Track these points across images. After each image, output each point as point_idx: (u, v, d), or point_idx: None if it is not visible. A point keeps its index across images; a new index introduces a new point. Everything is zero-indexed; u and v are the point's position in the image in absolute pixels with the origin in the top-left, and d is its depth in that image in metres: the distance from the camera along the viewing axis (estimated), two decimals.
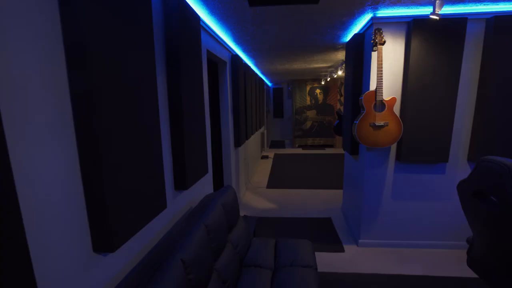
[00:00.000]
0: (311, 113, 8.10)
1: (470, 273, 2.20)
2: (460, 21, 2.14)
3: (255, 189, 4.49)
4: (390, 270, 2.29)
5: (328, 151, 7.76)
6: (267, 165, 6.21)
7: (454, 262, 2.37)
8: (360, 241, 2.65)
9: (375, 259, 2.45)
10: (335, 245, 2.69)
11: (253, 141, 5.30)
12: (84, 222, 0.95)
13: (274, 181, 4.91)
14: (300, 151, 7.85)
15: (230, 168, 3.28)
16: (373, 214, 2.59)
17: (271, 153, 7.50)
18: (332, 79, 7.04)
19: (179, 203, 1.74)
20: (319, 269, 2.29)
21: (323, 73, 6.55)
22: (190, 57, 1.70)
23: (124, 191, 1.04)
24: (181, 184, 1.65)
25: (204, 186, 2.24)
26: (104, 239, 0.97)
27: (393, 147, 2.44)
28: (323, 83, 7.48)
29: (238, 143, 3.44)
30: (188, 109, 1.66)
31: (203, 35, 2.22)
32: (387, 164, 2.48)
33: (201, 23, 2.14)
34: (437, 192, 2.50)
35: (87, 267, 0.95)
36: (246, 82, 3.82)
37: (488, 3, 2.05)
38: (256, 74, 5.43)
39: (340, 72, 5.11)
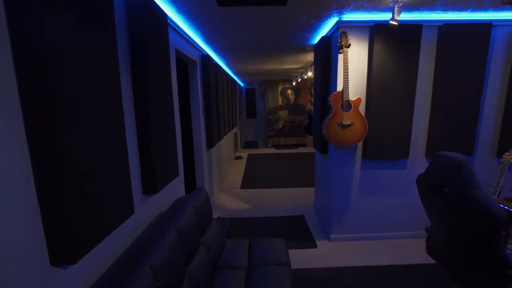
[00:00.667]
0: (283, 113, 8.24)
1: (430, 260, 2.39)
2: (416, 27, 2.31)
3: (229, 190, 4.46)
4: (360, 262, 2.40)
5: (300, 150, 7.95)
6: (241, 165, 6.21)
7: (417, 250, 2.55)
8: (331, 236, 2.75)
9: (346, 253, 2.55)
10: (308, 242, 2.76)
11: (226, 142, 5.27)
12: (39, 232, 0.87)
13: (248, 182, 4.92)
14: (273, 150, 7.95)
15: (202, 169, 3.23)
16: (342, 210, 2.70)
17: (244, 154, 7.51)
18: (303, 80, 7.23)
19: (148, 208, 1.67)
20: (293, 266, 2.34)
21: (294, 74, 6.69)
22: (157, 55, 1.64)
23: (85, 197, 0.97)
24: (150, 188, 1.58)
25: (175, 189, 2.18)
26: (63, 250, 0.90)
27: (360, 145, 2.57)
28: (294, 83, 7.66)
29: (210, 144, 3.39)
30: (155, 109, 1.60)
31: (171, 34, 2.15)
32: (354, 161, 2.60)
33: (169, 21, 2.08)
34: (400, 186, 2.67)
35: (45, 283, 0.87)
36: (217, 82, 3.78)
37: (439, 12, 2.24)
38: (228, 75, 5.40)
39: (310, 73, 5.27)
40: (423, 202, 1.59)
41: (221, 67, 4.46)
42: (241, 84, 9.00)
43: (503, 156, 2.37)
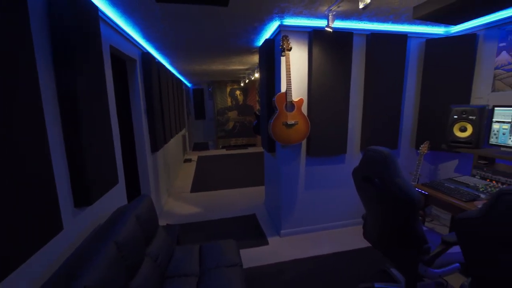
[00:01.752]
0: (232, 114, 8.26)
1: (367, 243, 2.66)
2: (348, 34, 2.55)
3: (178, 195, 4.28)
4: (308, 253, 2.54)
5: (250, 150, 8.06)
6: (191, 168, 6.01)
7: (356, 237, 2.82)
8: (281, 231, 2.86)
9: (295, 246, 2.68)
10: (260, 239, 2.81)
11: (174, 145, 5.04)
12: None
13: (198, 185, 4.79)
14: (224, 151, 7.90)
15: (147, 175, 3.02)
16: (290, 206, 2.83)
17: (194, 156, 7.30)
18: (251, 80, 7.35)
19: (82, 222, 1.49)
20: (246, 265, 2.36)
21: (242, 75, 6.76)
22: (86, 52, 1.48)
23: None
24: (83, 199, 1.42)
25: (115, 198, 1.99)
26: None
27: (304, 143, 2.72)
28: (242, 84, 7.74)
29: (155, 147, 3.20)
30: (86, 110, 1.44)
31: (104, 29, 1.96)
32: (300, 159, 2.75)
33: (102, 14, 1.89)
34: (340, 179, 2.92)
35: None
36: (161, 81, 3.59)
37: (367, 22, 2.51)
38: (173, 74, 5.17)
39: (257, 74, 5.38)
40: (359, 192, 1.76)
41: (165, 66, 4.25)
42: (188, 84, 8.72)
43: (420, 148, 2.79)
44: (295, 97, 2.51)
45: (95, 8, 1.66)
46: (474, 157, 2.40)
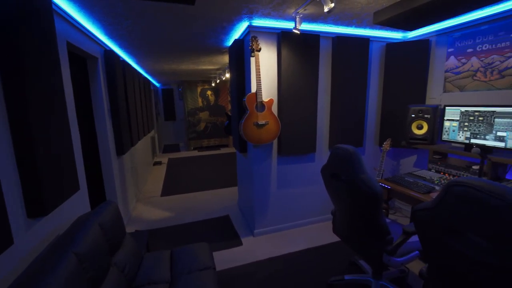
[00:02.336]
0: (204, 115, 8.12)
1: (337, 238, 2.77)
2: (315, 37, 2.63)
3: (148, 199, 4.11)
4: (281, 251, 2.58)
5: (223, 150, 8.00)
6: (161, 171, 5.81)
7: (327, 232, 2.92)
8: (255, 231, 2.87)
9: (269, 245, 2.71)
10: (234, 240, 2.80)
11: (142, 147, 4.83)
12: None
13: (169, 188, 4.64)
14: (195, 153, 7.74)
15: (112, 179, 2.86)
16: (263, 205, 2.85)
17: (164, 158, 7.05)
18: (222, 80, 7.28)
19: (38, 234, 1.36)
20: (220, 268, 2.33)
21: (213, 75, 6.67)
22: (37, 48, 1.36)
23: None
24: (38, 209, 1.30)
25: (76, 205, 1.86)
26: None
27: (275, 143, 2.76)
28: (213, 84, 7.64)
29: (121, 150, 3.04)
30: (38, 111, 1.32)
31: (60, 23, 1.82)
32: (271, 158, 2.78)
33: (56, 8, 1.75)
34: (311, 177, 3.00)
35: None
36: (127, 81, 3.42)
37: (332, 25, 2.61)
38: (140, 74, 4.95)
39: (228, 75, 5.34)
40: (327, 189, 1.82)
41: (131, 65, 4.05)
42: (157, 84, 8.41)
43: (383, 145, 2.96)
44: (265, 97, 2.54)
45: (49, 0, 1.53)
46: (429, 153, 2.61)
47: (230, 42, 3.17)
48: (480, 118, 2.13)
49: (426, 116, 2.49)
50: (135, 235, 2.28)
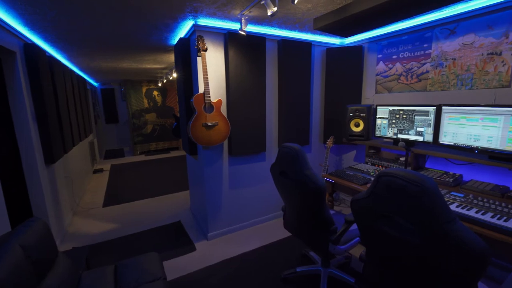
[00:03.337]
0: (150, 116, 7.65)
1: (288, 233, 2.88)
2: (261, 39, 2.69)
3: (87, 212, 3.70)
4: (236, 252, 2.57)
5: (173, 154, 7.66)
6: (102, 179, 5.29)
7: (279, 228, 3.01)
8: (209, 235, 2.81)
9: (224, 247, 2.68)
10: (187, 247, 2.70)
11: (79, 154, 4.33)
12: None
13: (113, 197, 4.25)
14: (143, 158, 7.25)
15: (41, 193, 2.50)
16: (216, 207, 2.81)
17: (106, 165, 6.44)
18: (170, 80, 6.96)
19: None
20: (173, 276, 2.22)
21: (159, 75, 6.34)
22: None
23: None
24: None
25: None
26: None
27: (225, 143, 2.75)
28: (160, 84, 7.26)
29: (51, 159, 2.67)
30: None
31: None
32: (222, 159, 2.76)
33: None
34: (262, 176, 3.07)
35: None
36: (56, 80, 3.01)
37: (277, 28, 2.71)
38: (73, 72, 4.42)
39: (175, 75, 5.12)
40: (277, 186, 1.89)
41: (61, 62, 3.59)
42: (95, 83, 7.63)
43: (326, 142, 3.18)
44: (213, 98, 2.50)
45: None
46: (366, 148, 2.90)
47: (175, 41, 3.04)
48: (404, 116, 2.45)
49: (362, 115, 2.76)
50: (72, 253, 2.03)
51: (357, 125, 2.81)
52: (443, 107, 2.13)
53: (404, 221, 0.99)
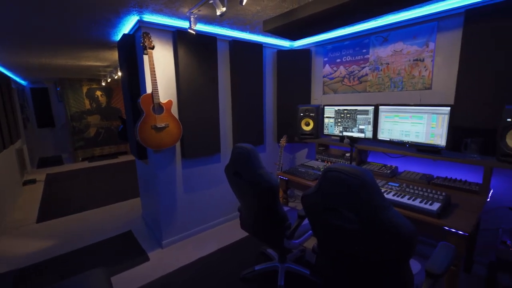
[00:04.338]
0: (93, 119, 6.97)
1: (245, 233, 2.90)
2: (212, 39, 2.66)
3: (18, 230, 3.21)
4: (193, 257, 2.49)
5: (122, 159, 7.10)
6: (36, 191, 4.64)
7: (238, 229, 3.01)
8: (163, 242, 2.67)
9: (180, 253, 2.57)
10: (139, 258, 2.52)
11: (3, 164, 3.72)
12: None
13: (49, 211, 3.77)
14: (86, 164, 6.57)
15: None
16: (171, 212, 2.69)
17: (40, 175, 5.67)
18: (115, 79, 6.44)
19: None
20: None
21: (103, 73, 5.82)
22: None
23: None
24: None
25: None
26: None
27: (178, 146, 2.64)
28: (104, 84, 6.67)
29: None
30: None
31: None
32: (175, 162, 2.64)
33: None
34: (218, 177, 3.03)
35: None
36: None
37: (228, 29, 2.70)
38: None
39: (120, 73, 4.76)
40: (232, 187, 1.88)
41: None
42: (22, 82, 6.65)
43: (280, 141, 3.28)
44: (163, 98, 2.39)
45: None
46: (316, 145, 3.07)
47: (119, 37, 2.82)
48: (348, 115, 2.65)
49: (311, 114, 2.91)
50: None
51: (307, 124, 2.96)
52: (380, 107, 2.37)
53: (347, 212, 1.07)
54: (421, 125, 2.09)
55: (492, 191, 1.96)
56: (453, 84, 2.13)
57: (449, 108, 1.92)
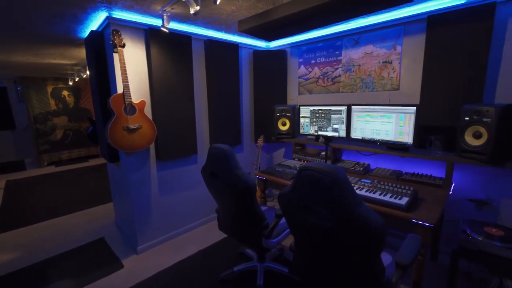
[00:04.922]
0: (60, 120, 6.54)
1: (224, 235, 2.87)
2: (187, 38, 2.60)
3: None
4: (170, 262, 2.42)
5: (92, 162, 6.74)
6: None
7: (216, 230, 2.97)
8: (138, 248, 2.57)
9: (157, 258, 2.49)
10: (112, 266, 2.40)
11: None
12: None
13: (10, 220, 3.48)
14: (52, 169, 6.15)
15: None
16: (146, 216, 2.60)
17: None
18: (84, 79, 6.09)
19: None
20: None
21: (69, 72, 5.49)
22: None
23: None
24: None
25: None
26: None
27: (152, 148, 2.55)
28: (71, 83, 6.29)
29: None
30: None
31: None
32: (149, 165, 2.56)
33: None
34: (195, 179, 2.97)
35: None
36: None
37: (203, 28, 2.66)
38: None
39: (89, 72, 4.51)
40: (209, 188, 1.85)
41: None
42: None
43: (257, 141, 3.29)
44: (135, 98, 2.30)
45: None
46: (292, 145, 3.12)
47: (86, 34, 2.67)
48: (323, 115, 2.72)
49: (287, 114, 2.95)
50: None
51: (284, 124, 2.99)
52: (352, 107, 2.46)
53: (321, 209, 1.10)
54: (390, 124, 2.20)
55: (454, 184, 2.11)
56: (418, 85, 2.27)
57: (415, 107, 2.04)
